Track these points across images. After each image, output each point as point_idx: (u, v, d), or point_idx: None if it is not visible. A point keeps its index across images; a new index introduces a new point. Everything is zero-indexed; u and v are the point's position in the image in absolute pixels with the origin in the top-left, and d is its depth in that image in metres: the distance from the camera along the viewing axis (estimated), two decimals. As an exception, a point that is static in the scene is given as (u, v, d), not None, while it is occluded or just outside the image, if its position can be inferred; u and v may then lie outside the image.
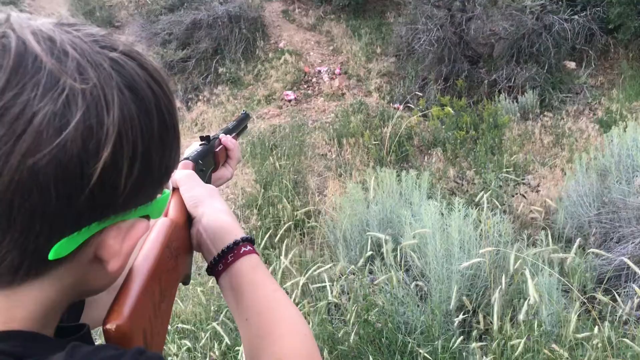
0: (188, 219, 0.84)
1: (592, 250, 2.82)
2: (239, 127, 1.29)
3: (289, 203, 5.16)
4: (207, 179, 1.02)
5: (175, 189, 0.87)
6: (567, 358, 2.16)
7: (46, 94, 0.46)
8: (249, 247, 0.81)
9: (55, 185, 0.46)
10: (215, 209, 0.85)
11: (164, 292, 0.70)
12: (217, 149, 1.09)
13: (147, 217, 0.59)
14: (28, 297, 0.52)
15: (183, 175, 0.89)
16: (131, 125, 0.50)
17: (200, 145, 1.05)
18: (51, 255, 0.50)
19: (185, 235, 0.82)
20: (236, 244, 0.80)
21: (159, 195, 0.60)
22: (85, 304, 0.76)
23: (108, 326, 0.58)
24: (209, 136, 1.08)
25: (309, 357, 0.72)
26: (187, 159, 0.96)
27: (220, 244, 0.80)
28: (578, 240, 2.81)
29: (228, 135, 1.15)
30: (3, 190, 0.45)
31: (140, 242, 0.68)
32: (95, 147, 0.47)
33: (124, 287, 0.63)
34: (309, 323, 2.69)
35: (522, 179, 5.39)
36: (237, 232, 0.82)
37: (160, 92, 0.55)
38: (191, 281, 3.44)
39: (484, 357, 2.28)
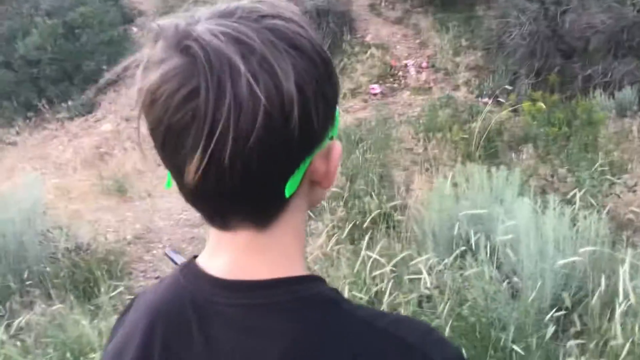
0: None
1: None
2: None
3: (375, 196, 5.21)
4: None
5: None
6: (672, 362, 2.11)
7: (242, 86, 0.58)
8: None
9: (278, 143, 0.61)
10: None
11: None
12: None
13: (332, 137, 0.71)
14: (286, 231, 0.70)
15: None
16: (306, 78, 0.61)
17: None
18: (287, 192, 0.65)
19: None
20: None
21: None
22: None
23: None
24: None
25: None
26: None
27: None
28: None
29: None
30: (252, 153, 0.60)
31: None
32: (289, 108, 0.59)
33: None
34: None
35: (618, 178, 5.19)
36: None
37: (310, 34, 0.64)
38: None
39: (582, 356, 2.26)
